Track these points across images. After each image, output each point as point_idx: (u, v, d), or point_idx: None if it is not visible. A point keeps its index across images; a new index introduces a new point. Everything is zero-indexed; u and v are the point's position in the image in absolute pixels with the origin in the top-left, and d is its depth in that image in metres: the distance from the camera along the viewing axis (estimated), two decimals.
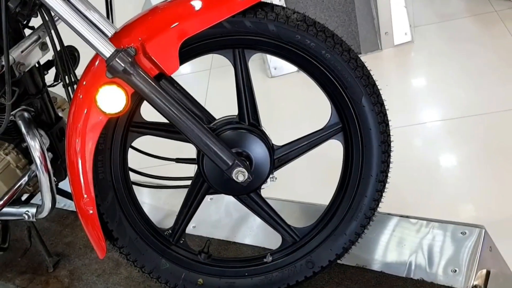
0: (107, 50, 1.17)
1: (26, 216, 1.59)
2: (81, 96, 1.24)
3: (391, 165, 1.42)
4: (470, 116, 2.45)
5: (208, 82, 2.95)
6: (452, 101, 2.55)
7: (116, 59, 1.16)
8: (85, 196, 1.30)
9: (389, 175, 1.42)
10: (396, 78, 2.80)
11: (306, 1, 2.76)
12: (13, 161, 1.58)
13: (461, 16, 3.01)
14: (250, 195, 1.44)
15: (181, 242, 1.47)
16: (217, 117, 1.40)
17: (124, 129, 1.34)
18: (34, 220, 1.60)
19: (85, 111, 1.24)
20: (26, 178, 1.57)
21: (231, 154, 1.28)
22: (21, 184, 1.56)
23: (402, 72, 2.82)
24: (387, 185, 1.42)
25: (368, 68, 1.36)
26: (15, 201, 1.64)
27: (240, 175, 1.28)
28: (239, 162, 1.28)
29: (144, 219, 1.43)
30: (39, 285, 1.92)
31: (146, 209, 1.48)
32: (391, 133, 1.41)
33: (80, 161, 1.27)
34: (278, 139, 1.48)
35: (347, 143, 1.40)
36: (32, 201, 1.69)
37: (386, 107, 1.39)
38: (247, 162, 1.33)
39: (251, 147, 1.35)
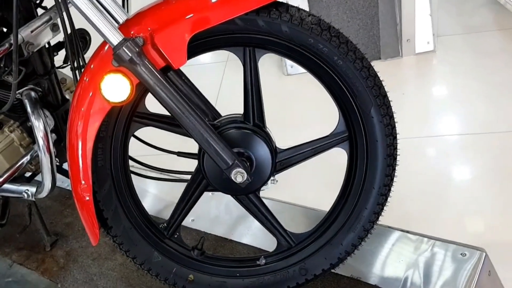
0: (115, 38, 1.15)
1: (26, 195, 1.60)
2: (87, 80, 1.23)
3: (398, 175, 1.39)
4: (486, 133, 2.40)
5: (223, 74, 2.94)
6: (469, 116, 2.50)
7: (123, 48, 1.14)
8: (83, 182, 1.29)
9: (396, 185, 1.39)
10: (414, 87, 2.75)
11: (329, 1, 2.72)
12: (17, 139, 1.58)
13: (488, 29, 2.94)
14: (248, 196, 1.42)
15: (176, 236, 1.45)
16: (226, 113, 1.38)
17: (127, 118, 1.33)
18: (33, 199, 1.60)
19: (90, 95, 1.23)
20: (28, 157, 1.57)
21: (232, 154, 1.26)
22: (23, 163, 1.57)
23: (420, 82, 2.77)
24: (392, 196, 1.39)
25: (381, 79, 1.33)
26: (16, 179, 1.65)
27: (239, 176, 1.26)
28: (239, 162, 1.26)
29: (140, 210, 1.42)
30: (35, 263, 1.93)
31: (148, 198, 1.47)
32: (403, 144, 1.36)
33: (80, 145, 1.26)
34: (285, 139, 1.45)
35: (352, 152, 1.37)
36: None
37: (401, 116, 1.35)
38: (248, 163, 1.31)
39: (253, 148, 1.33)
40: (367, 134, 1.33)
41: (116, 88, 1.19)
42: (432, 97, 2.67)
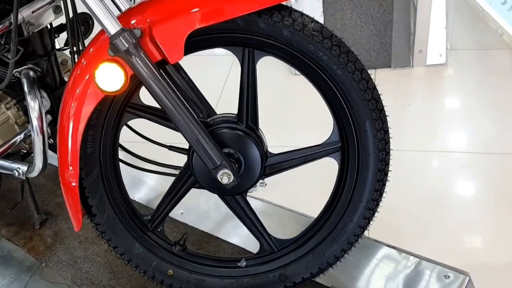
0: (112, 27, 1.14)
1: (17, 173, 1.60)
2: (84, 62, 1.23)
3: (395, 187, 1.36)
4: (490, 153, 2.36)
5: (231, 67, 2.92)
6: (474, 134, 2.47)
7: (120, 38, 1.13)
8: (70, 168, 1.29)
9: (392, 198, 1.37)
10: (421, 99, 2.72)
11: (344, 4, 2.69)
12: (12, 117, 1.59)
13: (501, 47, 2.89)
14: (235, 197, 1.41)
15: (159, 230, 1.45)
16: (227, 109, 1.36)
17: (120, 108, 1.32)
18: (23, 178, 1.60)
19: (85, 80, 1.22)
20: (22, 135, 1.57)
21: (220, 154, 1.24)
22: (16, 141, 1.57)
23: (428, 94, 2.74)
24: (386, 208, 1.38)
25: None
26: (10, 156, 1.65)
27: (225, 177, 1.25)
28: (227, 163, 1.25)
29: (126, 201, 1.42)
30: (22, 240, 1.93)
31: (141, 187, 1.45)
32: (404, 156, 1.34)
33: (71, 128, 1.25)
34: (283, 140, 1.44)
35: (343, 164, 1.35)
36: None
37: (404, 127, 1.33)
38: (236, 165, 1.30)
39: (243, 150, 1.32)
40: (360, 147, 1.31)
41: (110, 77, 1.18)
42: (439, 111, 2.64)
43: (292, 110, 2.70)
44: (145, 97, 1.35)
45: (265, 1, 1.18)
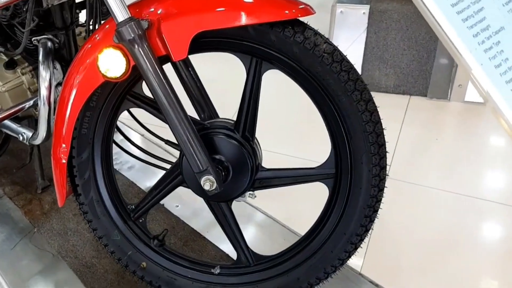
0: (121, 14, 1.14)
1: (21, 137, 1.63)
2: (97, 38, 1.23)
3: (403, 222, 1.29)
4: (509, 206, 2.25)
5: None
6: (500, 183, 2.35)
7: (127, 26, 1.12)
8: (63, 145, 1.30)
9: (398, 233, 1.30)
10: (451, 135, 2.62)
11: (390, 23, 2.61)
12: (26, 82, 1.61)
13: None
14: (220, 204, 1.39)
15: (140, 221, 1.45)
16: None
17: (120, 95, 1.32)
18: (27, 143, 1.63)
19: (90, 59, 1.21)
20: (31, 102, 1.59)
21: (207, 160, 1.22)
22: (24, 106, 1.59)
23: (460, 131, 2.64)
24: (389, 241, 1.32)
25: (383, 127, 1.25)
26: (21, 120, 1.68)
27: (207, 183, 1.23)
28: (212, 170, 1.22)
29: (113, 186, 1.42)
30: (22, 201, 1.98)
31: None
32: (417, 190, 1.28)
33: (70, 105, 1.26)
34: (285, 149, 1.39)
35: (333, 192, 1.31)
36: None
37: (425, 161, 1.27)
38: (223, 173, 1.28)
39: (234, 159, 1.29)
40: (353, 179, 1.26)
41: (112, 63, 1.18)
42: (467, 151, 2.53)
43: (304, 120, 2.63)
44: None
45: (280, 14, 1.15)
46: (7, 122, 1.65)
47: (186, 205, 1.87)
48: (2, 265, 1.75)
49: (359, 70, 2.78)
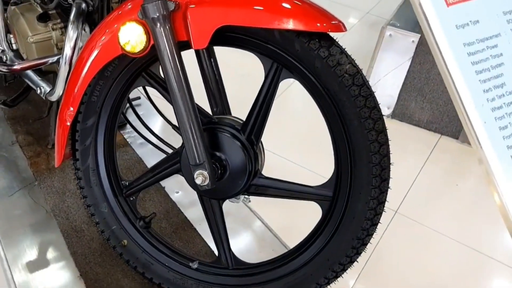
0: None
1: (39, 90, 1.64)
2: (126, 7, 1.21)
3: (409, 265, 1.23)
4: None
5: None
6: None
7: (152, 4, 1.11)
8: (71, 108, 1.30)
9: (402, 276, 1.25)
10: (473, 184, 2.52)
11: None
12: (55, 38, 1.62)
13: None
14: (211, 201, 1.36)
15: (131, 199, 1.44)
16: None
17: (136, 70, 1.30)
18: (43, 97, 1.64)
19: (114, 27, 1.20)
20: (54, 59, 1.60)
21: (205, 154, 1.20)
22: (47, 61, 1.60)
23: (483, 183, 2.53)
24: (391, 279, 1.27)
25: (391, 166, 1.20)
26: (42, 73, 1.70)
27: (200, 177, 1.20)
28: (208, 166, 1.20)
29: (111, 159, 1.41)
30: (32, 152, 2.00)
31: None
32: (428, 234, 1.21)
33: (88, 64, 1.25)
34: (293, 156, 1.34)
35: (326, 215, 1.27)
36: None
37: (441, 205, 1.22)
38: (219, 171, 1.25)
39: (233, 160, 1.26)
40: (348, 207, 1.22)
41: (132, 38, 1.17)
42: (485, 204, 2.43)
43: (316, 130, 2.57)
44: None
45: (310, 25, 1.11)
46: (29, 72, 1.67)
47: (186, 193, 1.85)
48: None
49: (395, 98, 2.71)
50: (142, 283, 1.52)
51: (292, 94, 2.78)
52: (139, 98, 2.22)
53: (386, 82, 2.71)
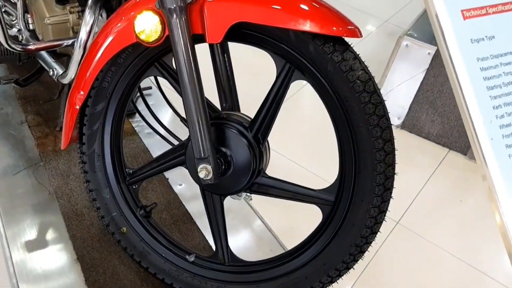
0: None
1: (51, 72, 1.65)
2: (134, 1, 1.22)
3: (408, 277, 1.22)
4: None
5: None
6: None
7: None
8: (81, 92, 1.31)
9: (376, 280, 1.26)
10: (477, 201, 2.50)
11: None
12: (71, 21, 1.63)
13: None
14: (213, 195, 1.36)
15: (134, 187, 1.44)
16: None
17: (149, 60, 1.30)
18: (55, 79, 1.65)
19: (130, 15, 1.20)
20: (69, 42, 1.61)
21: (211, 149, 1.20)
22: (62, 43, 1.61)
23: (487, 202, 2.51)
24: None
25: (395, 171, 1.20)
26: (56, 56, 1.71)
27: (203, 171, 1.20)
28: (212, 160, 1.20)
29: (117, 146, 1.42)
30: (39, 133, 2.01)
31: None
32: (430, 249, 1.20)
33: (102, 50, 1.25)
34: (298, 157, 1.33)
35: (325, 220, 1.27)
36: None
37: (442, 220, 1.21)
38: (223, 167, 1.25)
39: (238, 157, 1.26)
40: (349, 213, 1.22)
41: (147, 27, 1.17)
42: (487, 223, 2.41)
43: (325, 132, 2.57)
44: None
45: (326, 28, 1.11)
46: (43, 53, 1.68)
47: (189, 186, 1.86)
48: (0, 186, 1.79)
49: (406, 108, 2.70)
50: (138, 272, 1.52)
51: (304, 96, 2.78)
52: (150, 88, 2.23)
53: (399, 92, 2.70)
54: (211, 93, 1.35)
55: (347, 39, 1.14)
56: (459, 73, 0.62)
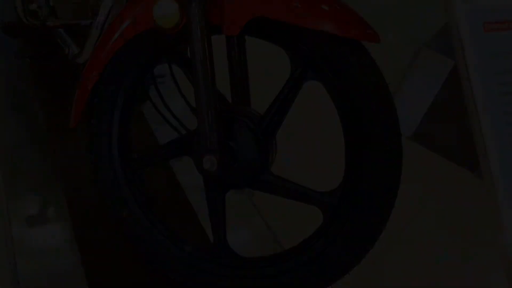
0: None
1: (67, 50, 1.66)
2: None
3: None
4: None
5: None
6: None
7: None
8: (94, 73, 1.31)
9: None
10: (481, 220, 2.48)
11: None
12: (91, 2, 1.63)
13: None
14: (215, 188, 1.35)
15: (138, 172, 1.43)
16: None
17: (165, 47, 1.30)
18: (69, 58, 1.65)
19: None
20: (88, 22, 1.60)
21: (218, 141, 1.19)
22: (80, 23, 1.61)
23: (485, 220, 2.49)
24: None
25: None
26: (72, 34, 1.71)
27: (209, 162, 1.20)
28: (219, 152, 1.20)
29: (125, 129, 1.40)
30: (50, 108, 2.01)
31: None
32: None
33: (118, 32, 1.25)
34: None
35: (324, 223, 1.26)
36: None
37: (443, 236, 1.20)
38: (228, 160, 1.24)
39: (244, 152, 1.25)
40: (349, 218, 1.21)
41: (166, 13, 1.17)
42: (488, 239, 2.39)
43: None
44: None
45: (345, 30, 1.11)
46: (61, 31, 1.68)
47: (193, 176, 1.82)
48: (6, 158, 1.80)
49: (418, 120, 2.68)
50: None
51: (317, 97, 2.77)
52: (163, 76, 2.22)
53: (412, 103, 2.67)
54: (223, 85, 1.34)
55: (364, 43, 1.14)
56: (474, 86, 0.61)
